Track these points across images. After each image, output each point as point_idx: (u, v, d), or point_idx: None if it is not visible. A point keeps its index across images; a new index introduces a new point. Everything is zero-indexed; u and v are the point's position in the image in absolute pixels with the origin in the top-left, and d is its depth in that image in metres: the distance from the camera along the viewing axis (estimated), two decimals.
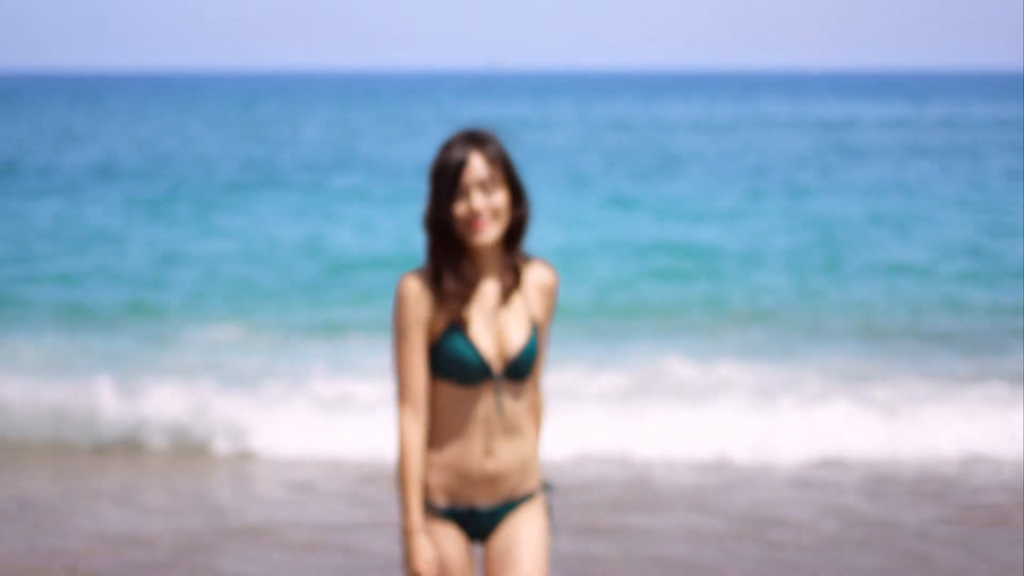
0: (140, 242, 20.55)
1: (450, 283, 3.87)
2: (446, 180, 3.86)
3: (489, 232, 3.87)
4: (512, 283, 3.94)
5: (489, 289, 3.93)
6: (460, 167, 3.86)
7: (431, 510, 3.99)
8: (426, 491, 3.98)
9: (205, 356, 12.28)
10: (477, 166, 3.87)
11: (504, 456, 3.95)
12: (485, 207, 3.85)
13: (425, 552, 3.90)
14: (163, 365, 11.77)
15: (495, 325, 3.92)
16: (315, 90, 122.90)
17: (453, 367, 3.88)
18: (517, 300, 3.95)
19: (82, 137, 45.74)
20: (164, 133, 48.76)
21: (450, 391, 3.91)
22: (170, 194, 27.18)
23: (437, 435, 3.95)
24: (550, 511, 4.08)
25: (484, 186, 3.86)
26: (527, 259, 4.01)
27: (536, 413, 4.09)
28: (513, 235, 3.95)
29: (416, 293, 3.88)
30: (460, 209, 3.86)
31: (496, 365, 3.90)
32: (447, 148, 3.90)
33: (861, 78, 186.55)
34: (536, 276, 4.01)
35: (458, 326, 3.88)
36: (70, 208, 24.80)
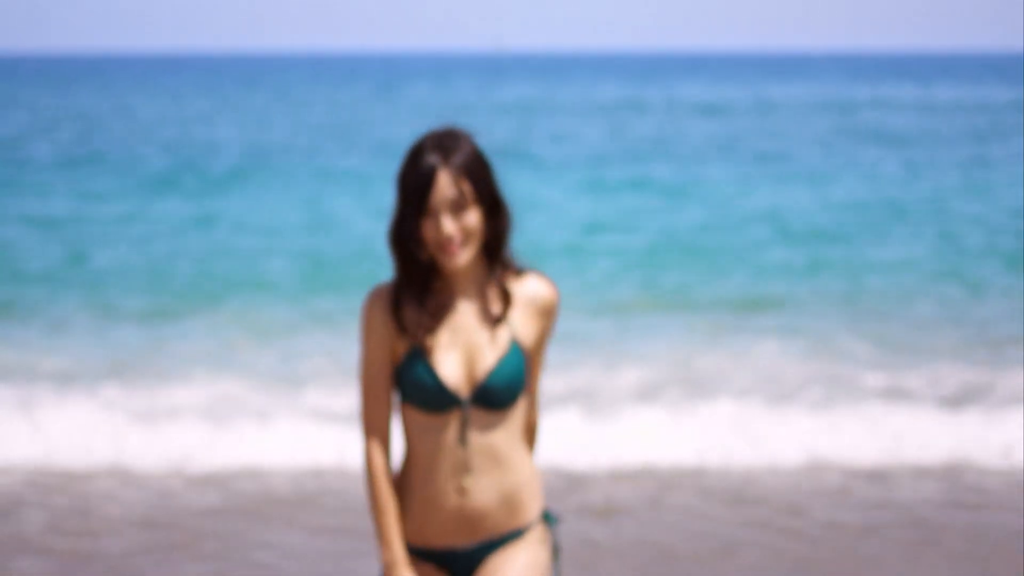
0: (143, 227, 20.59)
1: (411, 313, 3.50)
2: (412, 199, 3.46)
3: (462, 257, 3.46)
4: (502, 309, 3.53)
5: (463, 307, 3.53)
6: (426, 187, 3.44)
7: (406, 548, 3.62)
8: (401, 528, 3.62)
9: (219, 349, 12.28)
10: (444, 185, 3.43)
11: (480, 493, 3.52)
12: (456, 230, 3.45)
13: None
14: (176, 360, 11.80)
15: (466, 346, 3.50)
16: (316, 72, 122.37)
17: (415, 393, 3.49)
18: (498, 320, 3.53)
19: (86, 121, 45.66)
20: (168, 115, 48.67)
21: (418, 419, 3.52)
22: (174, 178, 27.18)
23: (409, 468, 3.57)
24: (555, 547, 3.66)
25: (453, 207, 3.44)
26: (520, 272, 3.58)
27: (529, 432, 3.69)
28: (493, 248, 3.54)
29: (379, 314, 3.52)
30: (429, 232, 3.46)
31: (463, 391, 3.49)
32: (413, 159, 3.47)
33: (865, 60, 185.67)
34: (530, 291, 3.57)
35: (420, 350, 3.48)
36: (80, 192, 24.84)
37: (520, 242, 3.64)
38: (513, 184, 3.60)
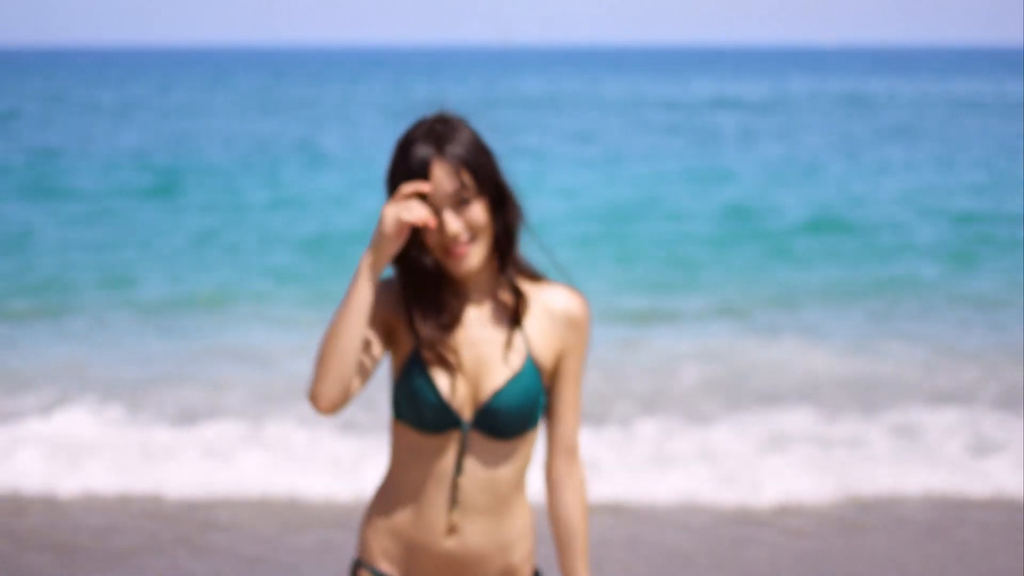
0: (170, 223, 20.66)
1: (429, 329, 3.06)
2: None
3: (472, 257, 3.03)
4: (516, 312, 3.10)
5: (473, 314, 3.11)
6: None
7: (371, 573, 3.18)
8: (366, 551, 3.19)
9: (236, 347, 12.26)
10: (442, 178, 2.99)
11: (473, 535, 3.11)
12: (461, 227, 3.01)
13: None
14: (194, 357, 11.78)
15: (474, 360, 3.07)
16: (324, 66, 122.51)
17: (410, 407, 3.06)
18: (512, 330, 3.10)
19: (103, 114, 45.80)
20: (186, 110, 48.80)
21: (410, 438, 3.10)
22: (193, 172, 27.27)
23: (392, 493, 3.15)
24: None
25: (455, 201, 3.00)
26: (541, 280, 3.15)
27: (570, 486, 3.19)
28: (503, 244, 3.09)
29: (383, 298, 3.09)
30: (431, 233, 3.03)
31: (465, 412, 3.06)
32: (403, 152, 3.03)
33: (880, 53, 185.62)
34: (554, 302, 3.13)
35: (420, 360, 3.05)
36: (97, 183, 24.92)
37: (532, 242, 3.27)
38: (528, 179, 3.40)
